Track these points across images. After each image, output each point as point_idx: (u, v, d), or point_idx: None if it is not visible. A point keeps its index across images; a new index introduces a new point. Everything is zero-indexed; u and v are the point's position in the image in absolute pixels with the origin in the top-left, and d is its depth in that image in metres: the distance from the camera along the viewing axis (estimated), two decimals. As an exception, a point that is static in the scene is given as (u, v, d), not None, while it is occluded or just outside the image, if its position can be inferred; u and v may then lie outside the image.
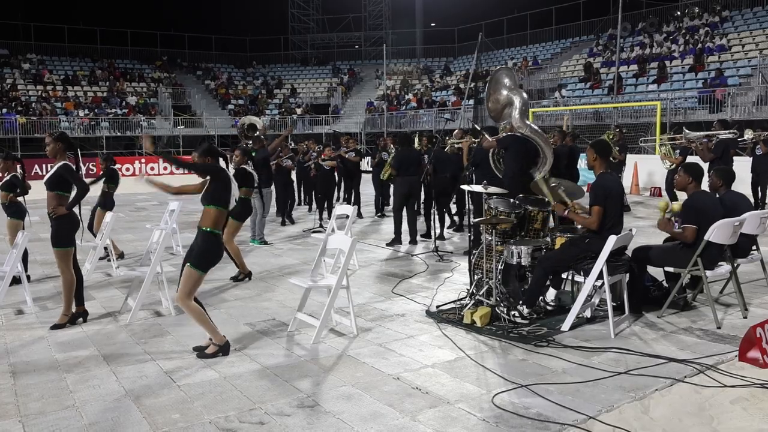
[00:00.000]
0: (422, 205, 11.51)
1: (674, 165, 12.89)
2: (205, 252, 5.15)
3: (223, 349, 5.21)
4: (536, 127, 7.91)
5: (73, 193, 6.12)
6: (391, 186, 13.18)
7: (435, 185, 10.67)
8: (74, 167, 6.13)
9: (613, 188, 5.88)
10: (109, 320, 6.35)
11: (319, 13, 50.11)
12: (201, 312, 5.21)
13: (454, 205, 13.20)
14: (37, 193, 8.57)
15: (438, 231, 10.41)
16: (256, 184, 8.74)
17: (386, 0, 48.83)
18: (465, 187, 6.95)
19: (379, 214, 14.35)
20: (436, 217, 10.63)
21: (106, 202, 9.53)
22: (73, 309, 6.18)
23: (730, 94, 22.56)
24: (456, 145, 11.46)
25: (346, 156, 13.84)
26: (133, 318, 6.27)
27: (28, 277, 7.47)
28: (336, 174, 13.75)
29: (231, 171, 5.83)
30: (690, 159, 11.89)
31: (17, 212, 7.98)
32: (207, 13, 52.73)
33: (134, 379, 4.74)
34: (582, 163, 12.47)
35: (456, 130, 12.53)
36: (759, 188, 13.28)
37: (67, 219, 6.06)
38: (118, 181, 9.80)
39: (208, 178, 5.24)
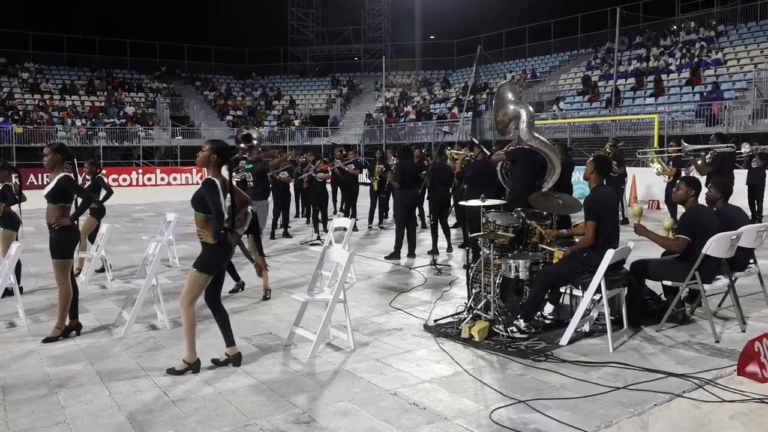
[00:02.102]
0: (428, 220, 11.44)
1: (671, 177, 12.91)
2: (209, 254, 5.08)
3: (194, 367, 5.13)
4: (544, 139, 7.91)
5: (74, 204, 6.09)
6: (389, 198, 13.20)
7: (434, 198, 10.64)
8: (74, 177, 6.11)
9: (607, 202, 5.90)
10: (103, 333, 6.30)
11: (318, 25, 50.32)
12: (194, 324, 5.13)
13: (453, 218, 13.20)
14: (33, 203, 8.52)
15: (442, 244, 10.38)
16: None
17: (386, 13, 49.08)
18: (462, 203, 6.94)
19: (379, 226, 14.28)
20: (440, 230, 10.58)
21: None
22: (67, 322, 6.12)
23: (727, 107, 22.64)
24: (454, 156, 11.46)
25: (346, 168, 13.83)
26: (128, 331, 6.21)
27: (21, 289, 7.42)
28: (329, 186, 13.73)
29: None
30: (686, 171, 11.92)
31: (11, 223, 7.90)
32: (207, 23, 52.89)
33: (127, 394, 4.69)
34: (576, 176, 12.46)
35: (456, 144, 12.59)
36: (755, 201, 13.30)
37: (69, 230, 6.03)
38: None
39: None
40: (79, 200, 6.17)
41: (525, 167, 8.19)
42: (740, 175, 13.29)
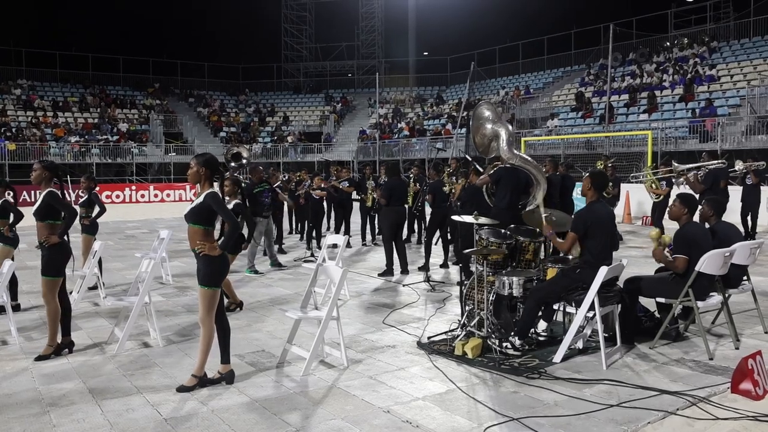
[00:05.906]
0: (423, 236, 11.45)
1: (661, 197, 12.95)
2: (212, 267, 5.09)
3: (201, 382, 5.14)
4: (526, 156, 7.93)
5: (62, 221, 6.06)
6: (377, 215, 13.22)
7: (433, 215, 10.67)
8: (60, 194, 6.09)
9: (601, 217, 5.90)
10: (95, 351, 6.26)
11: (312, 42, 50.56)
12: (212, 339, 5.16)
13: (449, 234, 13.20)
14: (24, 220, 8.48)
15: (434, 261, 10.37)
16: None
17: (379, 29, 49.37)
18: (455, 218, 6.95)
19: (373, 243, 14.27)
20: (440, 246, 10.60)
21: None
22: (59, 339, 6.09)
23: (720, 123, 22.76)
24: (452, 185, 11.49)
25: (340, 186, 13.84)
26: (121, 349, 6.18)
27: (18, 306, 7.35)
28: (325, 203, 13.71)
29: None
30: (678, 190, 11.95)
31: (11, 239, 7.81)
32: (200, 40, 53.12)
33: (120, 413, 4.65)
34: (576, 192, 12.50)
35: (450, 160, 12.61)
36: (749, 218, 13.33)
37: (60, 248, 6.00)
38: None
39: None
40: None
41: (509, 186, 8.30)
42: (734, 192, 13.35)
